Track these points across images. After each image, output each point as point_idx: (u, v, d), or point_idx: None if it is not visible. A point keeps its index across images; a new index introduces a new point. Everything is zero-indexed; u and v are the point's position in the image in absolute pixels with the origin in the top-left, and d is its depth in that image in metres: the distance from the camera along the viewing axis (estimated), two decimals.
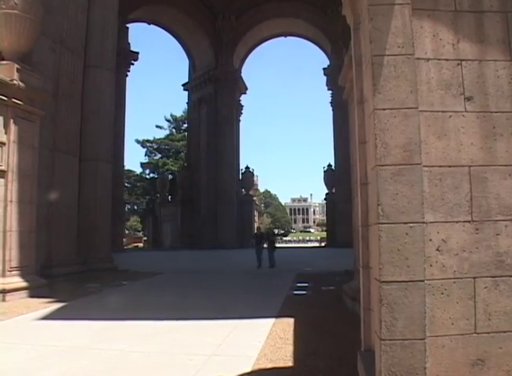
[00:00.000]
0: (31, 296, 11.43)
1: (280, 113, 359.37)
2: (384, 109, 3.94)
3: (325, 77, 47.26)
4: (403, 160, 3.89)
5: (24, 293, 11.51)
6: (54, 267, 14.15)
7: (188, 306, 10.05)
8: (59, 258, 14.56)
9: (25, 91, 11.91)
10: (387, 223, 3.83)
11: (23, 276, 11.72)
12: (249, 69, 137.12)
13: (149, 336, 7.30)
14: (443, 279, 3.88)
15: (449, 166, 4.00)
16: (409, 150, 3.90)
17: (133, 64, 42.53)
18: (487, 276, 3.92)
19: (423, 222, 3.86)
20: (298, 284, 13.79)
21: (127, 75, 41.56)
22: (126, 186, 65.49)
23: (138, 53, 42.90)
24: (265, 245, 21.03)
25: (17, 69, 11.87)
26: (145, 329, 7.86)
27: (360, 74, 4.84)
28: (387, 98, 3.95)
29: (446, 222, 3.94)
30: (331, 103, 47.36)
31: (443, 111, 4.06)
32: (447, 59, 4.13)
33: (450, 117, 4.06)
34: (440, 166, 3.99)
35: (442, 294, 3.86)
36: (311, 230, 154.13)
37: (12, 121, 11.66)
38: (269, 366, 5.64)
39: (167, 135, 78.47)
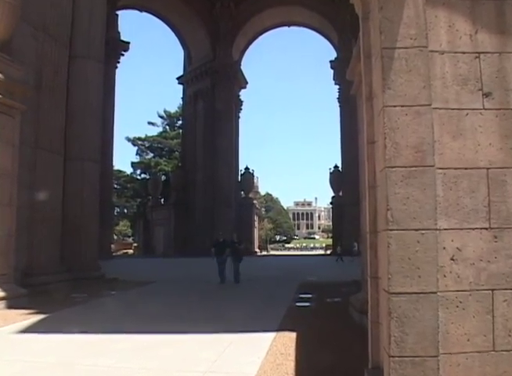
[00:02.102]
0: (9, 307, 11.40)
1: (283, 109, 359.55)
2: (395, 106, 3.94)
3: (332, 71, 47.33)
4: (415, 161, 3.89)
5: (2, 303, 11.47)
6: (35, 275, 14.12)
7: (181, 318, 10.03)
8: (41, 266, 14.54)
9: (4, 82, 11.88)
10: (397, 230, 3.83)
11: (0, 285, 11.69)
12: (249, 62, 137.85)
13: (139, 351, 7.29)
14: (458, 291, 3.87)
15: (465, 168, 4.00)
16: (421, 151, 3.90)
17: (123, 55, 42.70)
18: (506, 289, 3.91)
19: (436, 229, 3.86)
20: (301, 295, 13.78)
21: (116, 67, 41.67)
22: (115, 188, 65.49)
23: (128, 43, 43.02)
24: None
25: None
26: (134, 343, 7.84)
27: (369, 68, 4.84)
28: (398, 94, 3.96)
29: (461, 228, 3.93)
30: (338, 98, 47.45)
31: (459, 109, 4.06)
32: (464, 52, 4.13)
33: (467, 114, 4.06)
34: (455, 168, 3.99)
35: (457, 307, 3.85)
36: (316, 237, 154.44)
37: None
38: None
39: (161, 133, 78.60)
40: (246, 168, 51.18)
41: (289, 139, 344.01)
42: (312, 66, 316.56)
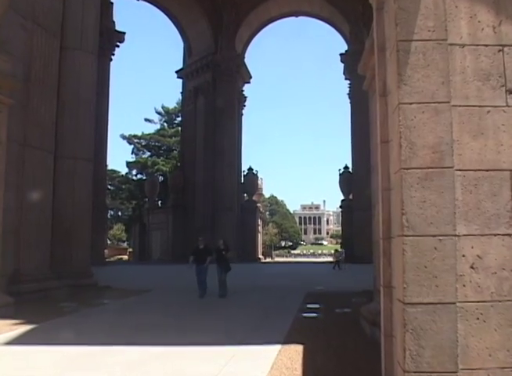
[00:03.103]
0: None
1: (290, 106, 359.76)
2: (411, 103, 3.94)
3: (342, 65, 47.31)
4: (432, 162, 3.88)
5: None
6: (23, 283, 14.14)
7: (180, 330, 10.04)
8: (29, 272, 14.56)
9: None
10: (413, 236, 3.82)
11: None
12: (254, 55, 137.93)
13: (135, 364, 7.29)
14: (478, 302, 3.86)
15: (487, 170, 3.99)
16: (439, 151, 3.90)
17: (118, 46, 42.76)
18: None
19: (455, 235, 3.85)
20: (308, 305, 13.77)
21: (111, 59, 41.76)
22: (109, 189, 65.63)
23: (124, 34, 43.07)
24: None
25: None
26: (130, 356, 7.85)
27: (383, 62, 4.84)
28: (415, 90, 3.95)
29: (482, 235, 3.92)
30: (349, 94, 47.42)
31: (480, 106, 4.05)
32: (486, 45, 4.13)
33: (488, 112, 4.06)
34: (475, 170, 3.98)
35: (478, 319, 3.84)
36: (324, 242, 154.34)
37: None
38: None
39: (158, 130, 78.73)
40: (250, 169, 51.19)
41: (295, 138, 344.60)
42: (321, 59, 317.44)
